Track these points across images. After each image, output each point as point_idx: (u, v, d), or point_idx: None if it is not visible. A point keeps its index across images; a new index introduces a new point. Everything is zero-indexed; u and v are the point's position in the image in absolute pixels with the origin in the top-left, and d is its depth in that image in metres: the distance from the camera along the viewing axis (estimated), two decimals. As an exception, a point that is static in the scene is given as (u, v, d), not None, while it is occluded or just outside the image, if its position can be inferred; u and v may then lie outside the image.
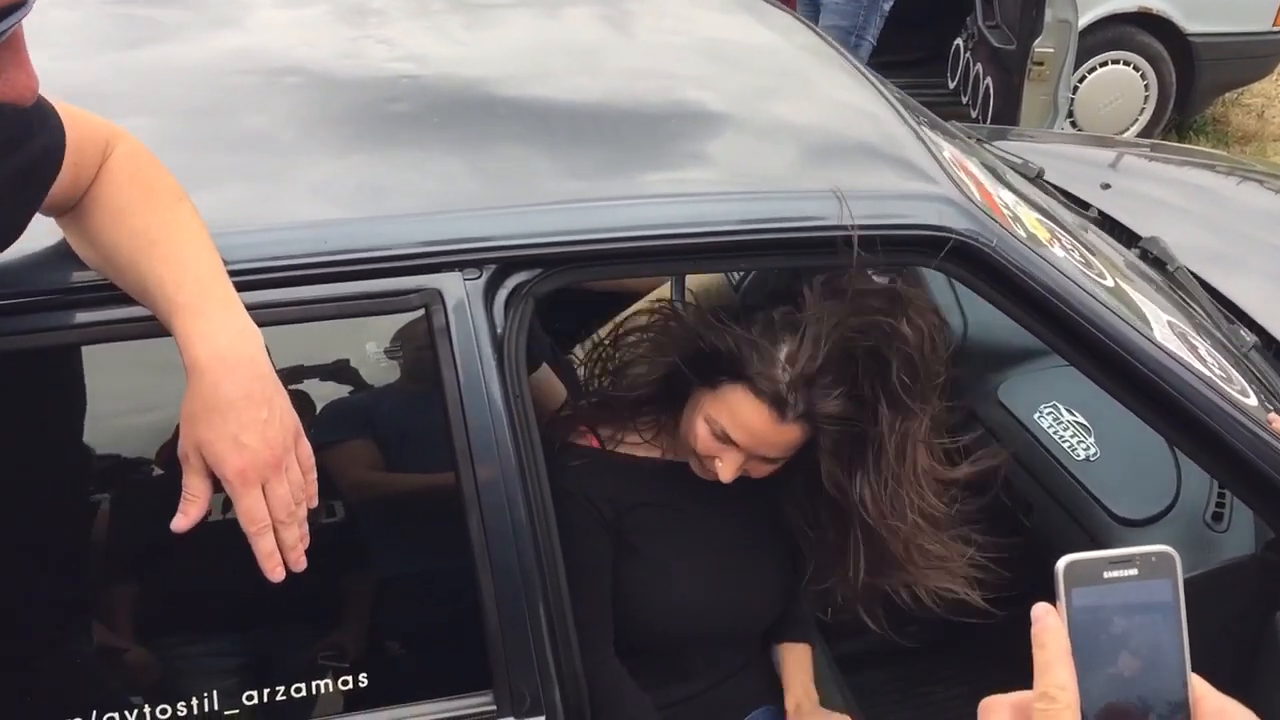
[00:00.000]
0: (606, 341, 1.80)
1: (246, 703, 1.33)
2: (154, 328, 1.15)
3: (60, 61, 1.54)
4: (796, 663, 1.89)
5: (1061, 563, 0.68)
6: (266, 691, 1.33)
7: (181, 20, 1.81)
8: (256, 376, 1.08)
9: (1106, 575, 0.68)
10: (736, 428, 1.57)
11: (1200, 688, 0.68)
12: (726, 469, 1.61)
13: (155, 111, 1.48)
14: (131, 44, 1.70)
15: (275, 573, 1.10)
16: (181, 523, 1.08)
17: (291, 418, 1.12)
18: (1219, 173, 3.25)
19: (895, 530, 1.60)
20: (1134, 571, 0.68)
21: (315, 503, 1.14)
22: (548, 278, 1.38)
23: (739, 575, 1.76)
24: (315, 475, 1.14)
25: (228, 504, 1.13)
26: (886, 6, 4.69)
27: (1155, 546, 0.69)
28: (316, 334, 1.33)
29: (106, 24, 1.79)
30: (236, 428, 1.06)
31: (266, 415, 1.08)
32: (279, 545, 1.10)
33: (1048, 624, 0.67)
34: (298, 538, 1.11)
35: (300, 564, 1.12)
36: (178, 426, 1.09)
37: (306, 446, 1.14)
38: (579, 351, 2.27)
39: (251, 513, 1.08)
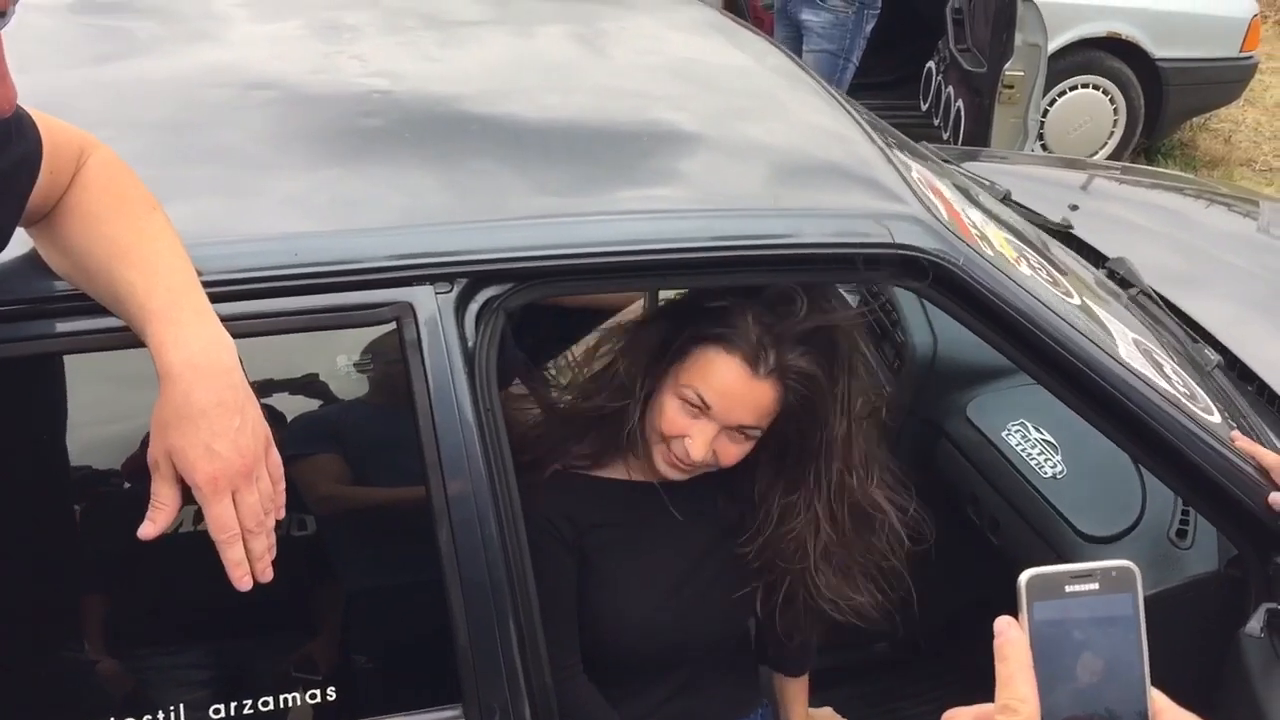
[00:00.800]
0: (577, 359, 1.81)
1: (214, 716, 1.32)
2: (125, 338, 1.15)
3: (34, 74, 1.54)
4: (796, 694, 1.92)
5: (1023, 577, 0.69)
6: (234, 705, 1.33)
7: (156, 34, 1.81)
8: (229, 385, 1.09)
9: (1068, 589, 0.69)
10: (710, 389, 1.56)
11: (1160, 701, 0.69)
12: (696, 444, 1.58)
13: (128, 124, 1.48)
14: (105, 57, 1.70)
15: (243, 582, 1.10)
16: (149, 530, 1.08)
17: (263, 427, 1.12)
18: (1187, 195, 3.31)
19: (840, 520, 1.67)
20: (1095, 586, 0.69)
21: (283, 514, 1.14)
22: (519, 292, 1.39)
23: (697, 594, 1.76)
24: (284, 486, 1.14)
25: (195, 516, 1.13)
26: (868, 28, 4.75)
27: (1116, 561, 0.70)
28: (287, 347, 1.33)
29: (79, 36, 1.78)
30: (208, 435, 1.06)
31: (239, 423, 1.08)
32: (247, 555, 1.10)
33: (1010, 637, 0.68)
34: (265, 548, 1.11)
35: (267, 575, 1.12)
36: (146, 435, 1.09)
37: (276, 456, 1.14)
38: (552, 368, 2.27)
39: (221, 520, 1.08)
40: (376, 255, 1.32)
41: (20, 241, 1.21)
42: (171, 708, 1.31)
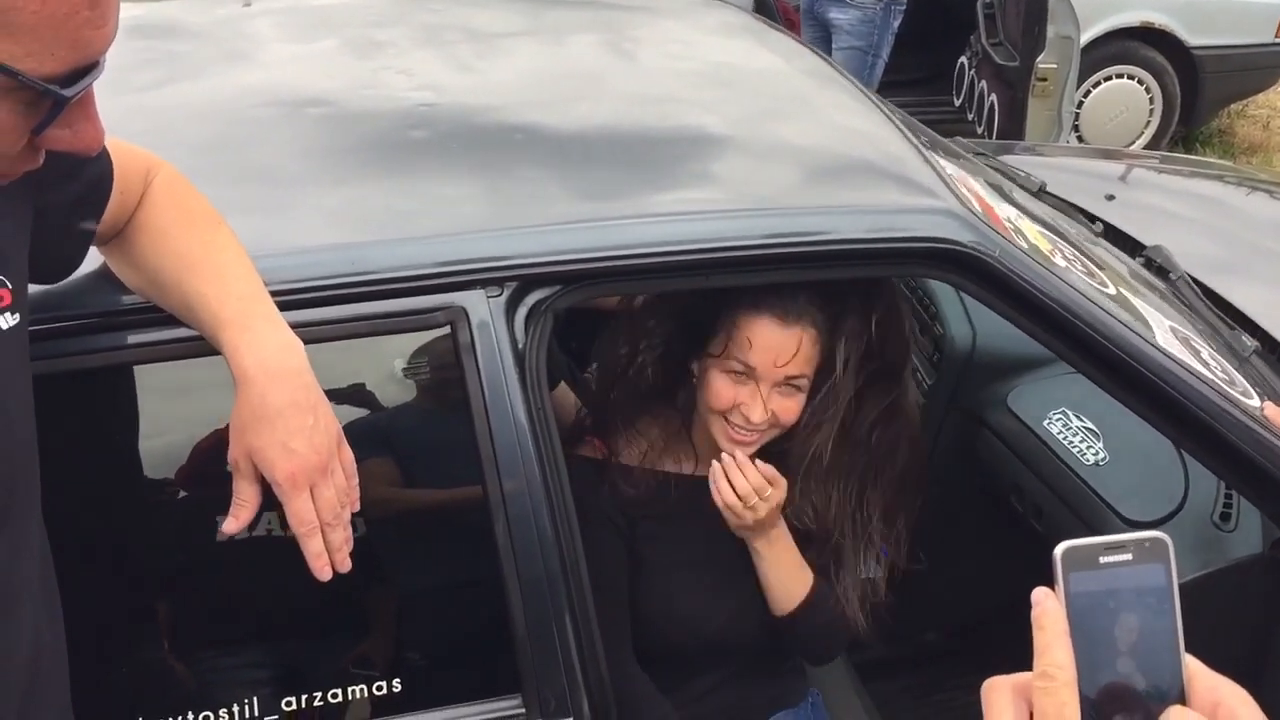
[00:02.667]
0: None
1: (285, 709, 1.38)
2: (193, 348, 1.20)
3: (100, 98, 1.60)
4: None
5: (1060, 549, 0.70)
6: (305, 698, 1.38)
7: (206, 56, 1.88)
8: (302, 386, 1.14)
9: (1102, 560, 0.70)
10: (749, 351, 1.63)
11: (1193, 666, 0.70)
12: (753, 408, 1.64)
13: (187, 144, 1.54)
14: (159, 81, 1.76)
15: (323, 572, 1.15)
16: (232, 526, 1.14)
17: (335, 424, 1.17)
18: (1227, 183, 3.28)
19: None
20: (1129, 556, 0.70)
21: (358, 506, 1.20)
22: (566, 294, 1.43)
23: (740, 586, 1.80)
24: (357, 480, 1.19)
25: (269, 520, 1.18)
26: (896, 24, 4.76)
27: (1149, 533, 0.71)
28: (346, 352, 1.38)
29: (132, 60, 1.84)
30: (285, 435, 1.12)
31: (312, 422, 1.13)
32: (327, 546, 1.15)
33: (1047, 607, 0.69)
34: (343, 539, 1.17)
35: (345, 565, 1.17)
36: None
37: (349, 452, 1.19)
38: (594, 371, 2.31)
39: (301, 514, 1.13)
40: (429, 262, 1.37)
41: (91, 258, 1.27)
42: (246, 700, 1.36)
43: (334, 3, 2.25)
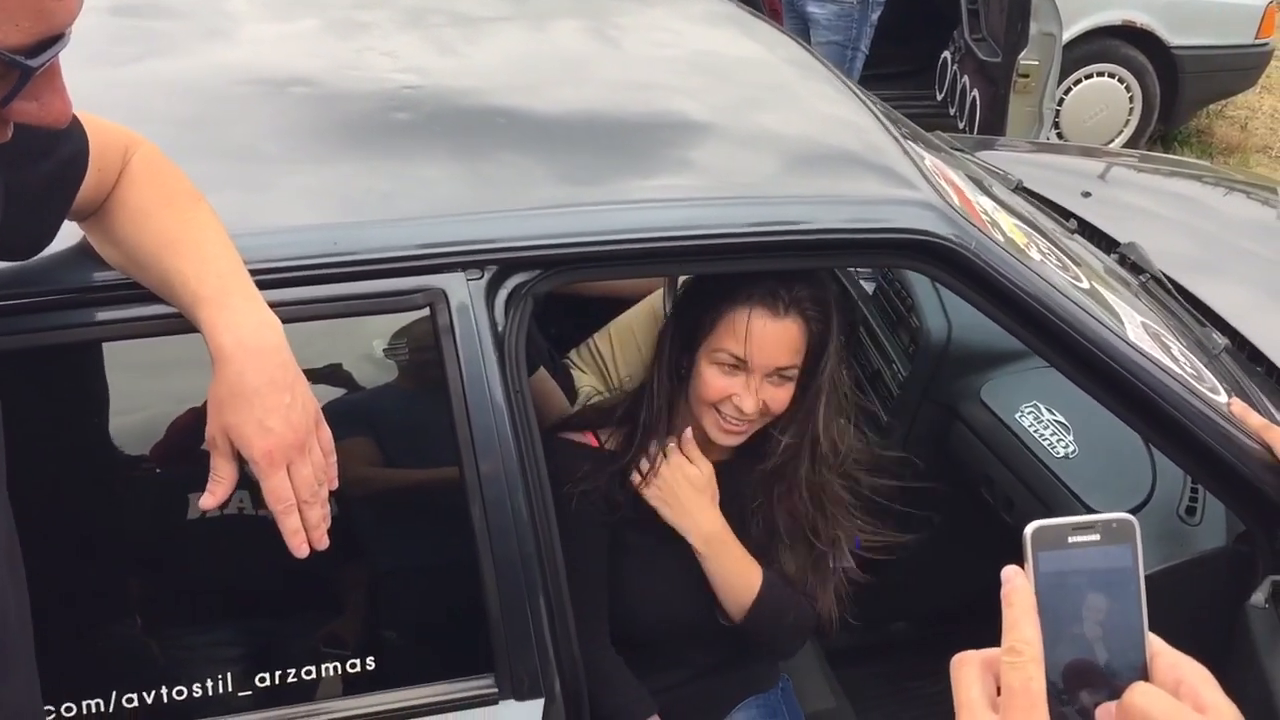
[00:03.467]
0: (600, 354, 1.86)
1: (259, 684, 1.38)
2: (173, 324, 1.21)
3: (73, 74, 1.60)
4: None
5: (1030, 528, 0.72)
6: (279, 674, 1.39)
7: (191, 34, 1.87)
8: (279, 364, 1.15)
9: (1071, 540, 0.72)
10: (740, 343, 1.64)
11: (1156, 644, 0.72)
12: (747, 399, 1.66)
13: (169, 121, 1.54)
14: (141, 56, 1.75)
15: (300, 549, 1.16)
16: (209, 501, 1.15)
17: (312, 402, 1.18)
18: (1205, 183, 3.31)
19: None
20: (1096, 537, 0.72)
21: (336, 484, 1.20)
22: (546, 278, 1.44)
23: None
24: (335, 458, 1.20)
25: (242, 498, 1.18)
26: (874, 17, 4.77)
27: (1116, 514, 0.73)
28: (325, 332, 1.39)
29: (115, 36, 1.84)
30: (261, 412, 1.12)
31: (289, 400, 1.14)
32: (304, 524, 1.16)
33: (1016, 584, 0.71)
34: (320, 517, 1.17)
35: (323, 542, 1.18)
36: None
37: (326, 430, 1.20)
38: (574, 356, 2.33)
39: (278, 492, 1.14)
40: (411, 244, 1.37)
41: (70, 233, 1.27)
42: (220, 675, 1.37)
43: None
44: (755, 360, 1.65)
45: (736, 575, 1.77)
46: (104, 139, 1.21)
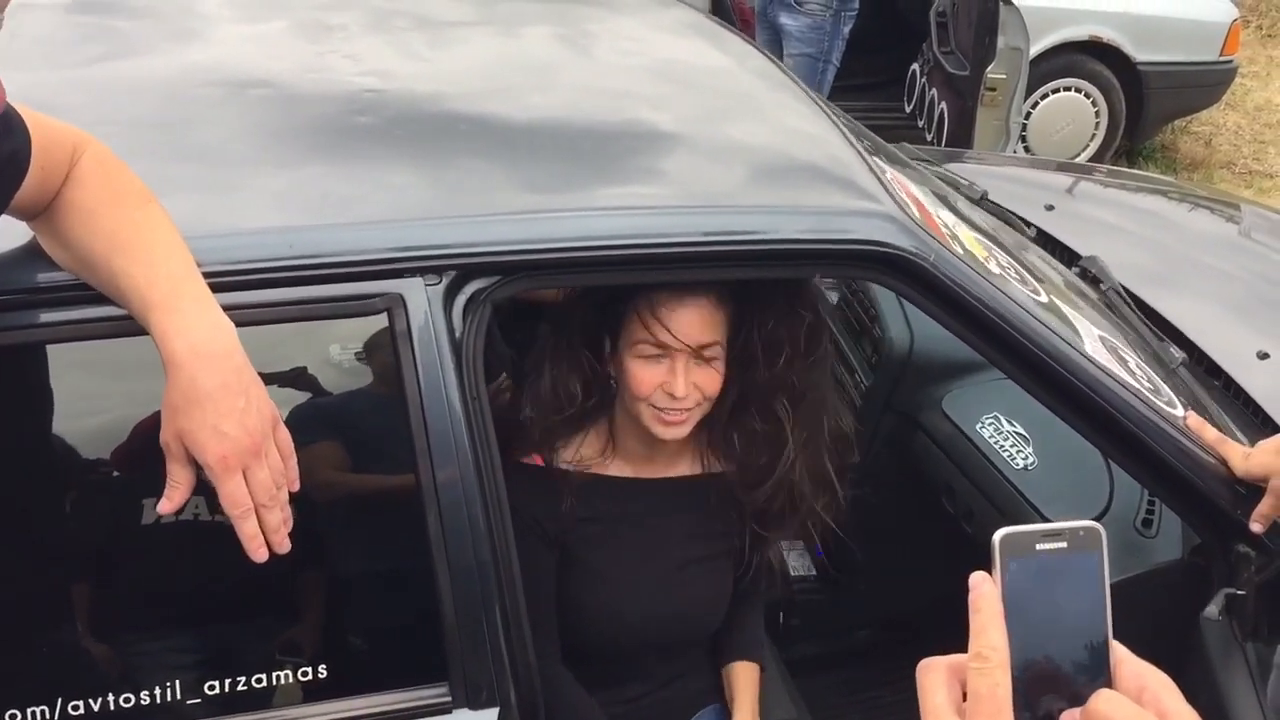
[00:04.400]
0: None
1: (209, 693, 1.37)
2: (125, 326, 1.19)
3: (29, 72, 1.58)
4: (746, 683, 1.93)
5: (998, 535, 0.72)
6: (229, 682, 1.37)
7: (151, 33, 1.85)
8: (232, 368, 1.13)
9: (1039, 547, 0.72)
10: (659, 328, 1.62)
11: (1120, 652, 0.72)
12: (676, 383, 1.64)
13: (124, 121, 1.53)
14: (99, 57, 1.74)
15: (258, 554, 1.15)
16: (166, 506, 1.14)
17: (268, 406, 1.16)
18: (1170, 198, 3.34)
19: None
20: (1064, 544, 0.72)
21: (296, 486, 1.19)
22: (505, 284, 1.44)
23: (678, 587, 1.81)
24: (295, 460, 1.19)
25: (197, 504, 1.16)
26: (846, 30, 4.79)
27: (1083, 522, 0.73)
28: (281, 336, 1.38)
29: (74, 35, 1.82)
30: (215, 417, 1.11)
31: (244, 404, 1.13)
32: (263, 528, 1.15)
33: (983, 590, 0.71)
34: (280, 520, 1.16)
35: (284, 546, 1.16)
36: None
37: (285, 433, 1.18)
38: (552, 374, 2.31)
39: (234, 497, 1.13)
40: (368, 248, 1.36)
41: (21, 232, 1.25)
42: (169, 684, 1.35)
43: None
44: (675, 343, 1.63)
45: None
46: (50, 137, 1.19)
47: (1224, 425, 1.89)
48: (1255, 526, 1.66)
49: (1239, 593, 1.68)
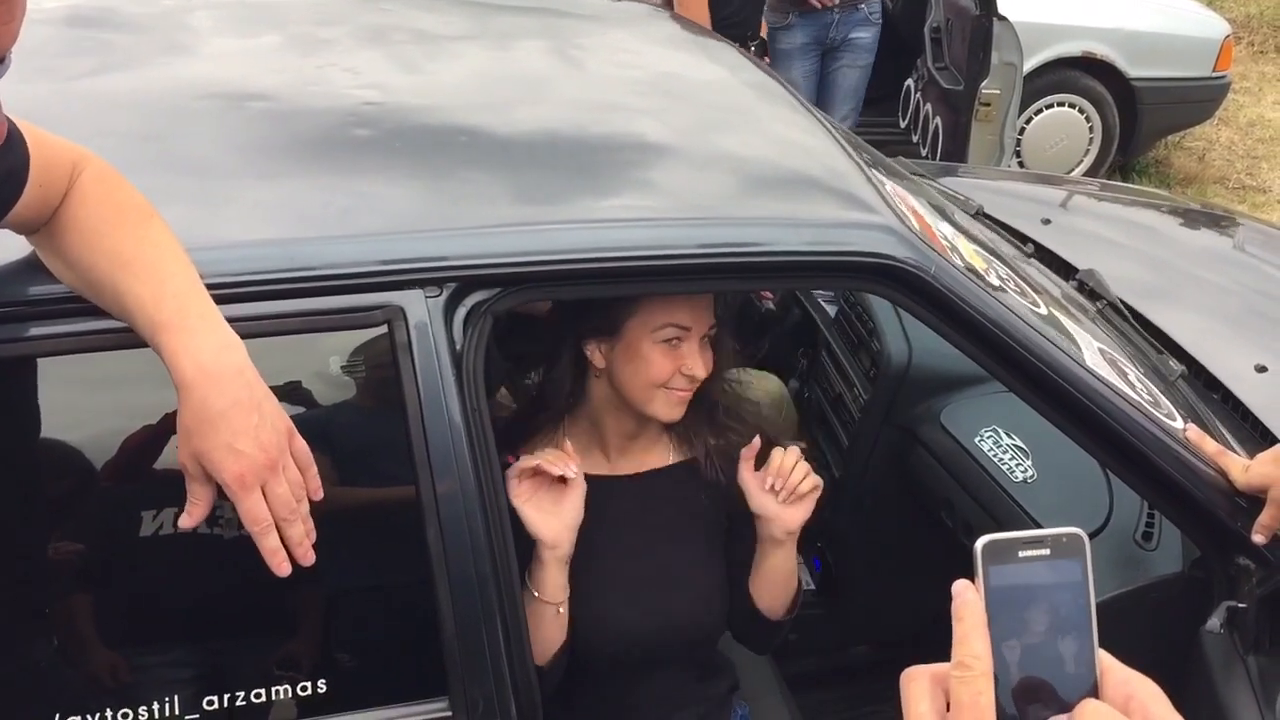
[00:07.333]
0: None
1: (207, 708, 1.36)
2: (126, 339, 1.19)
3: (27, 86, 1.57)
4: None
5: (980, 542, 0.72)
6: (228, 697, 1.36)
7: (152, 47, 1.85)
8: (243, 385, 1.12)
9: (1021, 554, 0.71)
10: (681, 312, 1.67)
11: (1106, 660, 0.72)
12: (697, 363, 1.69)
13: (125, 135, 1.52)
14: (99, 70, 1.73)
15: (281, 569, 1.14)
16: (187, 521, 1.13)
17: (283, 419, 1.16)
18: (1164, 212, 3.36)
19: None
20: (1046, 551, 0.72)
21: (319, 495, 1.18)
22: (505, 296, 1.43)
23: (666, 591, 1.79)
24: (315, 470, 1.18)
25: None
26: None
27: (1065, 529, 0.72)
28: (281, 349, 1.37)
29: (72, 49, 1.82)
30: (229, 436, 1.10)
31: (257, 420, 1.12)
32: (285, 542, 1.14)
33: (966, 599, 0.70)
34: (303, 534, 1.15)
35: (309, 558, 1.16)
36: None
37: (301, 443, 1.18)
38: (534, 376, 2.31)
39: (253, 514, 1.12)
40: (369, 260, 1.36)
41: (16, 247, 1.25)
42: (167, 699, 1.34)
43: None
44: (695, 322, 1.69)
45: (791, 564, 1.80)
46: (49, 154, 1.18)
47: (1223, 438, 1.89)
48: (1257, 537, 1.66)
49: (1240, 605, 1.68)
